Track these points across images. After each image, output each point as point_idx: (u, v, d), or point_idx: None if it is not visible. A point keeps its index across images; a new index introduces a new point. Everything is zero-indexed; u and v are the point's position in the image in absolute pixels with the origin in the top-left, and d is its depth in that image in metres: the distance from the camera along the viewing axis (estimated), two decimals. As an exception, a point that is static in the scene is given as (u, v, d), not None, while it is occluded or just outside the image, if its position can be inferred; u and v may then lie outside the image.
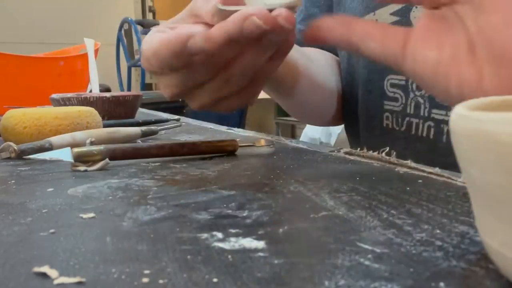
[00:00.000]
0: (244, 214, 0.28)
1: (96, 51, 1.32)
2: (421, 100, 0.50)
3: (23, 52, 1.46)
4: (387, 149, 0.42)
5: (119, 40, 3.57)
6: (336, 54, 0.66)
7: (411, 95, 0.51)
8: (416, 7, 0.49)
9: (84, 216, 0.28)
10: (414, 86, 0.51)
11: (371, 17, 0.53)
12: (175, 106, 2.18)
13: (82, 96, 0.81)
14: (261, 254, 0.21)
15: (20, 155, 0.50)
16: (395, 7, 0.51)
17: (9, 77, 1.27)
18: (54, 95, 0.82)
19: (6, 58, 1.29)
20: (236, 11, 0.34)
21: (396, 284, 0.18)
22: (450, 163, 0.36)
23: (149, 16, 3.68)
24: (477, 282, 0.18)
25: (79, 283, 0.19)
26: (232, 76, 0.38)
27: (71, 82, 1.36)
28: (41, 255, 0.22)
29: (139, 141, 0.60)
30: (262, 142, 0.52)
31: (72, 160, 0.44)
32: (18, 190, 0.36)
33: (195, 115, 1.17)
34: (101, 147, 0.45)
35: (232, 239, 0.23)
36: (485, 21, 0.30)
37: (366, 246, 0.22)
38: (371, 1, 0.54)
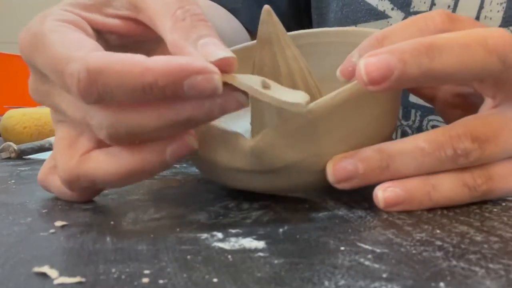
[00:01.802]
0: (244, 214, 0.28)
1: (96, 51, 1.32)
2: (409, 130, 0.50)
3: (23, 52, 1.46)
4: None
5: (119, 40, 3.56)
6: None
7: (397, 123, 0.51)
8: None
9: (83, 216, 0.28)
10: (400, 116, 0.51)
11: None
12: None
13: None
14: (261, 254, 0.21)
15: (20, 155, 0.50)
16: (379, 25, 0.50)
17: (9, 77, 1.27)
18: (54, 95, 0.82)
19: (6, 58, 1.30)
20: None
21: (396, 284, 0.18)
22: None
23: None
24: (477, 282, 0.18)
25: (79, 283, 0.19)
26: None
27: (71, 82, 1.36)
28: (41, 255, 0.22)
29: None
30: None
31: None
32: (18, 190, 0.36)
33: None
34: (101, 147, 0.45)
35: (232, 239, 0.23)
36: None
37: (366, 246, 0.22)
38: (352, 12, 0.53)
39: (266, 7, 0.31)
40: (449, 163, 0.27)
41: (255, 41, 0.34)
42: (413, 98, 0.49)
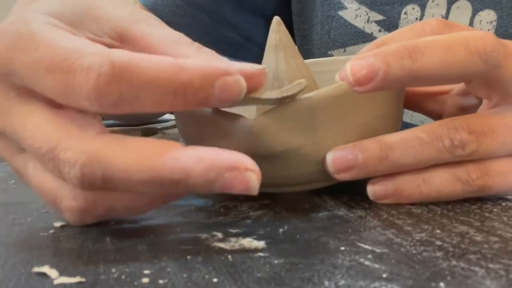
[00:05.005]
0: (244, 214, 0.28)
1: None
2: None
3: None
4: None
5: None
6: None
7: None
8: None
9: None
10: None
11: (341, 54, 0.53)
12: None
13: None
14: (261, 254, 0.21)
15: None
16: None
17: (9, 77, 1.27)
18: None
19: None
20: None
21: (396, 284, 0.18)
22: None
23: (149, 16, 3.67)
24: (477, 282, 0.18)
25: (79, 283, 0.19)
26: None
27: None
28: (41, 255, 0.22)
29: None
30: None
31: None
32: (18, 190, 0.36)
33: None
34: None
35: (232, 239, 0.23)
36: None
37: (366, 246, 0.22)
38: (340, 36, 0.53)
39: (276, 18, 0.33)
40: (446, 154, 0.27)
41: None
42: (407, 118, 0.50)
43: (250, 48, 0.63)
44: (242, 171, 0.21)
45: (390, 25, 0.49)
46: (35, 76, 0.22)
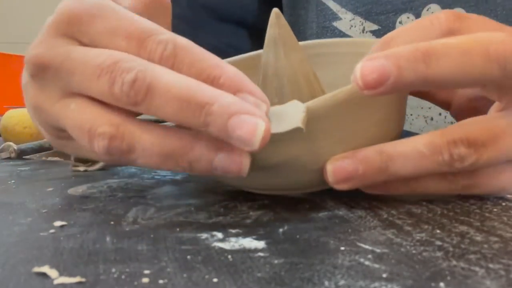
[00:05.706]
0: (244, 214, 0.28)
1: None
2: None
3: (23, 52, 1.46)
4: None
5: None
6: None
7: None
8: None
9: (83, 216, 0.28)
10: None
11: None
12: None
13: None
14: (261, 254, 0.21)
15: (20, 155, 0.50)
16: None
17: (9, 77, 1.27)
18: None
19: (6, 58, 1.30)
20: None
21: (396, 284, 0.18)
22: None
23: (149, 16, 3.67)
24: (477, 282, 0.18)
25: (79, 283, 0.19)
26: None
27: (71, 82, 1.36)
28: (41, 255, 0.22)
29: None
30: None
31: (72, 160, 0.44)
32: (18, 190, 0.36)
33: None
34: (101, 147, 0.45)
35: (232, 239, 0.23)
36: None
37: (366, 246, 0.22)
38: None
39: (275, 10, 0.32)
40: (445, 166, 0.27)
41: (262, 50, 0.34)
42: (406, 126, 0.50)
43: (234, 55, 0.63)
44: (256, 117, 0.24)
45: (385, 34, 0.49)
46: (111, 39, 0.27)
